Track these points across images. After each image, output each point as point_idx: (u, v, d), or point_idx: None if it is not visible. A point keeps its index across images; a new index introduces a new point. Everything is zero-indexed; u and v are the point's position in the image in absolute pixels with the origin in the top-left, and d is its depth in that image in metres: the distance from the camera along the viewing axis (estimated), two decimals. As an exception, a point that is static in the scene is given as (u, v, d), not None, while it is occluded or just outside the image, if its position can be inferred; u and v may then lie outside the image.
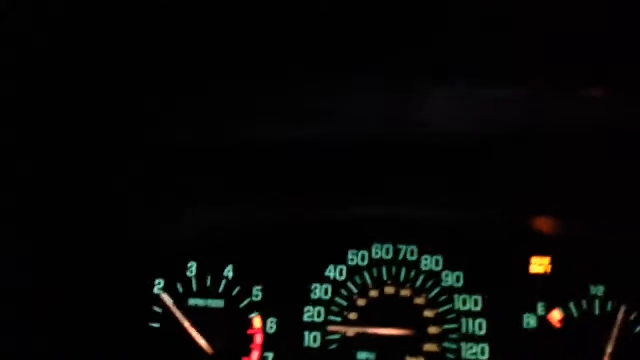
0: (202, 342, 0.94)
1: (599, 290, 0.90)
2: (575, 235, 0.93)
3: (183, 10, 0.67)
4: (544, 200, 0.89)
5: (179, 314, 0.95)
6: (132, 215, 0.96)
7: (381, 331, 0.92)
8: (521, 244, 0.93)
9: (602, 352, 0.87)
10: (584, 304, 0.90)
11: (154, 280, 0.98)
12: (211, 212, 0.98)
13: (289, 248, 0.97)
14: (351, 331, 0.93)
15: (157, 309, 0.97)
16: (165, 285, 0.98)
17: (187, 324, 0.94)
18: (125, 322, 0.96)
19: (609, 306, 0.90)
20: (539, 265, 0.92)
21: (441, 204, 0.93)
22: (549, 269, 0.92)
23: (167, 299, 0.96)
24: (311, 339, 0.93)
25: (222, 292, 0.97)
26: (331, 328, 0.93)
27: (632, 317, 0.89)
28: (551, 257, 0.92)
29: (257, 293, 0.96)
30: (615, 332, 0.87)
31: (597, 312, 0.90)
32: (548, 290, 0.91)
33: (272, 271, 0.96)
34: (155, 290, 0.98)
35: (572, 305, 0.90)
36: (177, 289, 0.98)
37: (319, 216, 0.97)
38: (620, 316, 0.88)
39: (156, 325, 0.97)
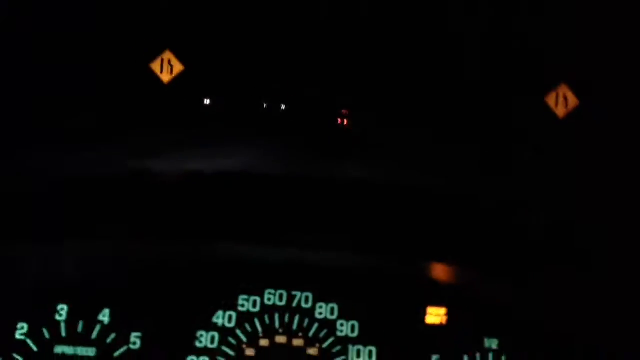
0: (66, 396, 0.83)
1: (492, 343, 0.88)
2: (471, 287, 0.91)
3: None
4: (441, 249, 0.87)
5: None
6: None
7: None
8: (418, 294, 0.90)
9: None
10: (478, 356, 0.88)
11: (16, 324, 0.87)
12: (86, 247, 0.89)
13: (174, 291, 0.89)
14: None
15: (17, 357, 0.86)
16: (29, 330, 0.87)
17: (49, 376, 0.84)
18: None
19: (503, 359, 0.88)
20: (435, 315, 0.89)
21: (338, 249, 0.89)
22: (444, 319, 0.89)
23: None
24: (193, 392, 0.85)
25: (95, 339, 0.87)
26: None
27: (524, 372, 0.88)
28: (447, 308, 0.90)
29: (135, 340, 0.87)
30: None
31: (490, 365, 0.88)
32: (443, 341, 0.88)
33: (153, 316, 0.88)
34: (17, 335, 0.87)
35: (465, 358, 0.88)
36: (42, 335, 0.87)
37: (209, 257, 0.90)
38: (512, 370, 0.87)
39: (16, 375, 0.85)
